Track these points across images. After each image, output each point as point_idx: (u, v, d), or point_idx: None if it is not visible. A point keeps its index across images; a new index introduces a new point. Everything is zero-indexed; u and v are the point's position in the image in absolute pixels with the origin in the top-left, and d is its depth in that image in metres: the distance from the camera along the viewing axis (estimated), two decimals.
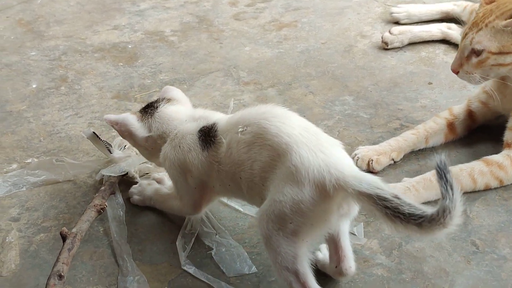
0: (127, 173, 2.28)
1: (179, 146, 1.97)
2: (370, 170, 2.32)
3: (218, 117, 2.00)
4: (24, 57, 3.22)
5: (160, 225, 2.14)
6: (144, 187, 2.21)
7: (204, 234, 2.08)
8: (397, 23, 3.35)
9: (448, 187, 1.53)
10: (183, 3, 3.70)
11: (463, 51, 2.29)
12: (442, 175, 1.54)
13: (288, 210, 1.69)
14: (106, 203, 2.12)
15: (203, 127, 1.96)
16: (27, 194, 2.29)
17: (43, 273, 1.97)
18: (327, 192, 1.68)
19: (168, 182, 2.21)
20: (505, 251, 1.98)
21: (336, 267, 1.86)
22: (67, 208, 2.23)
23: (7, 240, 2.11)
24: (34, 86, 2.97)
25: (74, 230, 1.97)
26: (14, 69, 3.12)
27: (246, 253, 2.01)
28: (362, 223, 2.09)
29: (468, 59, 2.28)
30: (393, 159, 2.36)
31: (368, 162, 2.32)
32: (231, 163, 1.86)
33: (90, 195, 2.24)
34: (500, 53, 2.21)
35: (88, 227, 2.04)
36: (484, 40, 2.23)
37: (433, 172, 2.05)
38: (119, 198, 2.21)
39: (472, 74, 2.28)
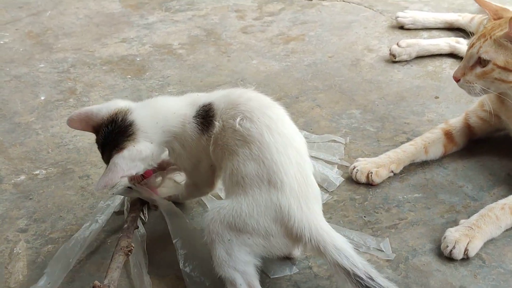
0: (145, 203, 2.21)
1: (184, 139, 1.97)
2: (369, 183, 2.32)
3: (210, 98, 1.99)
4: (33, 69, 3.25)
5: (167, 237, 2.14)
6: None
7: None
8: (401, 27, 3.38)
9: None
10: (191, 16, 3.73)
11: (469, 60, 2.29)
12: None
13: (254, 234, 1.77)
14: (133, 244, 1.98)
15: (199, 111, 1.96)
16: (34, 206, 2.30)
17: None
18: (299, 244, 1.79)
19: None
20: (511, 266, 1.98)
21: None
22: (75, 219, 2.23)
23: (14, 251, 2.11)
24: (42, 98, 2.99)
25: (105, 281, 1.83)
26: (23, 81, 3.14)
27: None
28: (387, 238, 2.08)
29: (472, 68, 2.28)
30: (392, 171, 2.36)
31: (368, 174, 2.32)
32: (223, 144, 1.87)
33: (98, 207, 2.26)
34: (505, 68, 2.21)
35: (120, 274, 1.89)
36: (491, 51, 2.23)
37: (488, 207, 2.09)
38: (142, 229, 2.15)
39: (473, 84, 2.28)
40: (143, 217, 2.18)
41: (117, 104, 2.01)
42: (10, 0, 4.02)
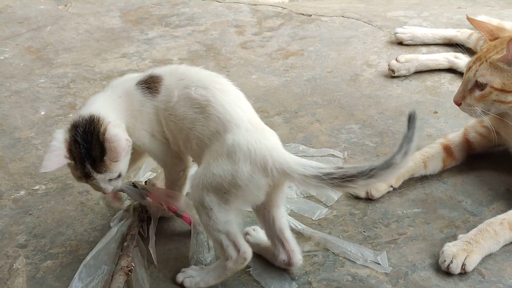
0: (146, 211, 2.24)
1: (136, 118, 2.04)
2: (368, 197, 2.33)
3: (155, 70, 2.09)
4: (33, 84, 3.26)
5: (168, 252, 2.14)
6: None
7: None
8: (400, 43, 3.40)
9: (412, 131, 1.74)
10: (190, 31, 3.74)
11: (467, 84, 2.31)
12: (413, 121, 1.74)
13: (225, 184, 1.86)
14: (133, 263, 2.01)
15: (140, 81, 2.05)
16: (34, 221, 2.30)
17: None
18: (267, 174, 1.85)
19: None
20: (511, 281, 1.98)
21: (284, 260, 2.02)
22: (74, 235, 2.24)
23: (14, 266, 2.11)
24: (42, 113, 2.99)
25: None
26: (23, 96, 3.15)
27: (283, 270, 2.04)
28: (385, 252, 2.09)
29: (471, 92, 2.30)
30: (391, 186, 2.37)
31: (367, 189, 2.33)
32: (179, 116, 1.97)
33: (97, 222, 2.27)
34: (502, 90, 2.23)
35: None
36: (487, 74, 2.25)
37: (487, 222, 2.10)
38: (143, 246, 2.14)
39: (474, 107, 2.30)
40: (142, 232, 2.18)
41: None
42: (10, 15, 4.04)
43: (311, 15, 3.87)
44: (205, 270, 2.00)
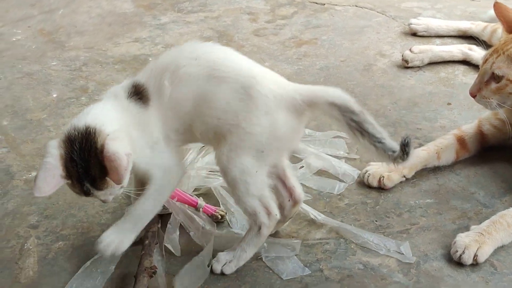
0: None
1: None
2: (381, 187, 2.32)
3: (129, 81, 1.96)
4: (45, 66, 3.25)
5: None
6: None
7: None
8: (414, 34, 3.39)
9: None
10: (203, 18, 3.73)
11: (483, 76, 2.30)
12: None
13: (264, 139, 1.84)
14: (155, 264, 1.94)
15: (129, 91, 1.90)
16: (46, 202, 2.30)
17: (61, 281, 1.98)
18: (298, 111, 1.86)
19: None
20: None
21: (289, 200, 2.04)
22: (86, 217, 2.24)
23: (25, 247, 2.12)
24: (54, 95, 2.99)
25: None
26: (35, 78, 3.14)
27: (295, 256, 2.04)
28: (407, 242, 2.08)
29: (487, 84, 2.29)
30: (404, 176, 2.36)
31: (379, 178, 2.32)
32: (182, 100, 1.87)
33: (109, 205, 2.25)
34: None
35: None
36: (504, 67, 2.25)
37: (500, 214, 2.09)
38: (170, 248, 2.09)
39: (489, 99, 2.30)
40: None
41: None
42: None
43: (324, 4, 3.85)
44: (238, 249, 1.98)
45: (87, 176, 1.78)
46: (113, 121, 1.83)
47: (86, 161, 1.77)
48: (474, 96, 2.34)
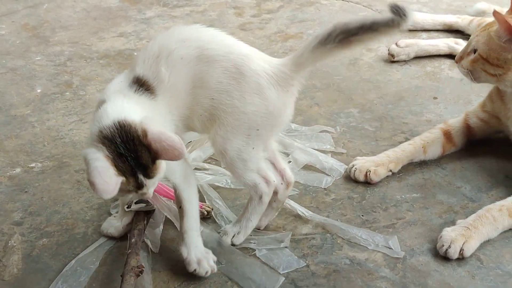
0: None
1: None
2: (367, 181, 2.32)
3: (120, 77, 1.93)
4: (29, 61, 3.22)
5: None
6: None
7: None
8: None
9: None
10: (189, 12, 3.71)
11: (468, 46, 2.36)
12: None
13: (259, 118, 1.88)
14: (142, 263, 1.90)
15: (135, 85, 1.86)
16: (30, 199, 2.28)
17: (45, 278, 1.96)
18: (288, 84, 1.90)
19: None
20: (509, 267, 1.97)
21: (282, 183, 2.07)
22: (71, 213, 2.22)
23: (9, 244, 2.10)
24: (38, 90, 2.96)
25: None
26: (19, 74, 3.11)
27: (288, 250, 2.04)
28: (396, 236, 2.09)
29: (468, 55, 2.34)
30: (391, 170, 2.35)
31: (366, 173, 2.31)
32: (179, 83, 1.87)
33: (94, 201, 2.24)
34: (486, 60, 2.26)
35: None
36: (481, 41, 2.28)
37: (486, 208, 2.09)
38: (150, 244, 2.07)
39: (466, 70, 2.34)
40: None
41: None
42: None
43: None
44: (244, 220, 2.05)
45: (139, 165, 1.72)
46: (136, 112, 1.78)
47: (134, 151, 1.71)
48: (457, 63, 2.40)
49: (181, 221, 1.97)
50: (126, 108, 1.79)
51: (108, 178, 1.67)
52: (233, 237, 2.04)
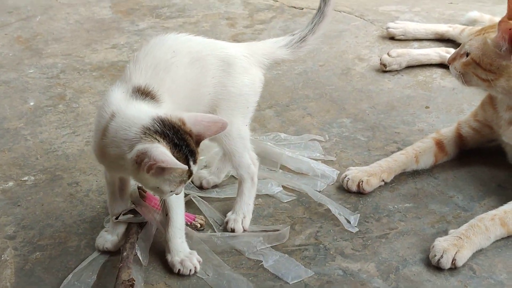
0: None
1: None
2: (360, 191, 2.32)
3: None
4: (22, 74, 3.23)
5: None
6: None
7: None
8: (392, 38, 3.40)
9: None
10: (181, 23, 3.72)
11: (461, 48, 2.36)
12: None
13: (250, 96, 2.12)
14: (133, 277, 1.89)
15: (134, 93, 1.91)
16: (23, 212, 2.28)
17: None
18: (265, 67, 2.20)
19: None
20: (502, 277, 1.98)
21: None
22: (63, 226, 2.22)
23: (2, 258, 2.09)
24: (31, 103, 2.97)
25: None
26: (12, 86, 3.12)
27: (294, 260, 2.04)
28: (358, 215, 2.21)
29: (461, 57, 2.34)
30: (383, 180, 2.36)
31: (359, 183, 2.32)
32: (180, 87, 1.99)
33: (87, 214, 2.25)
34: (478, 64, 2.26)
35: None
36: (474, 45, 2.29)
37: (478, 217, 2.09)
38: (140, 257, 2.05)
39: (458, 72, 2.35)
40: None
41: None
42: None
43: (303, 9, 3.86)
44: (244, 205, 2.18)
45: (190, 152, 1.79)
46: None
47: (184, 139, 1.78)
48: (449, 64, 2.40)
49: (166, 228, 2.02)
50: (148, 108, 1.85)
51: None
52: (237, 223, 2.15)
